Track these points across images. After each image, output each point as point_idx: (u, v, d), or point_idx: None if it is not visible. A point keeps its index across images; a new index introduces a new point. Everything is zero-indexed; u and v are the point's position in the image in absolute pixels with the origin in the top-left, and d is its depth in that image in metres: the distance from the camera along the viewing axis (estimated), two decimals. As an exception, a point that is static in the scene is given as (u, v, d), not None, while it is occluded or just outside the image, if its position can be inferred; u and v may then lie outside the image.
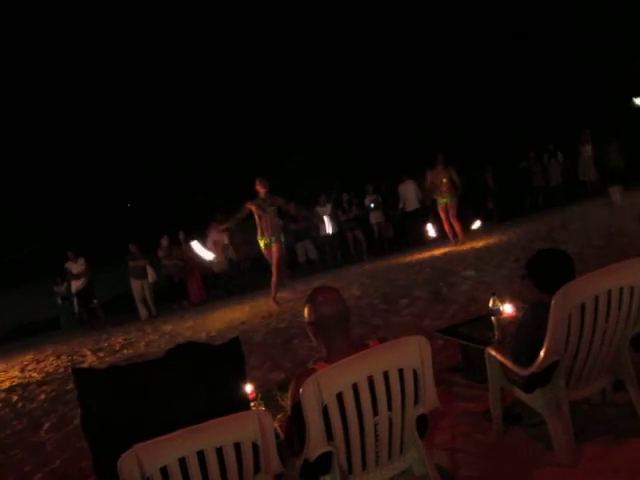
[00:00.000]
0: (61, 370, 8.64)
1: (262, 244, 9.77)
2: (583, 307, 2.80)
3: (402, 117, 27.71)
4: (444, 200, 12.05)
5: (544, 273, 3.12)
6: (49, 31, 26.04)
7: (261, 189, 9.57)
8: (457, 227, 12.34)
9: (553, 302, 2.77)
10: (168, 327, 10.83)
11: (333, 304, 2.61)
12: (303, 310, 2.72)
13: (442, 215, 12.34)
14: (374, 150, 26.55)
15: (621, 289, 2.85)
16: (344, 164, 24.85)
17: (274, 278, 9.99)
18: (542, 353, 2.87)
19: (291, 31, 28.25)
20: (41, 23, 25.74)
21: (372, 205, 15.54)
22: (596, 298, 2.81)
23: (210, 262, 14.54)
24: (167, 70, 28.25)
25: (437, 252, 12.34)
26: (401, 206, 15.65)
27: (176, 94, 27.86)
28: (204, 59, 28.21)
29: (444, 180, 11.88)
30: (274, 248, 9.71)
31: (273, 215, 9.67)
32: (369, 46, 28.48)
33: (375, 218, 15.63)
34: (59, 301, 15.45)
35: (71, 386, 6.88)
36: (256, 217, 9.68)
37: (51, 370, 9.02)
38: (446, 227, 12.48)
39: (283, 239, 10.16)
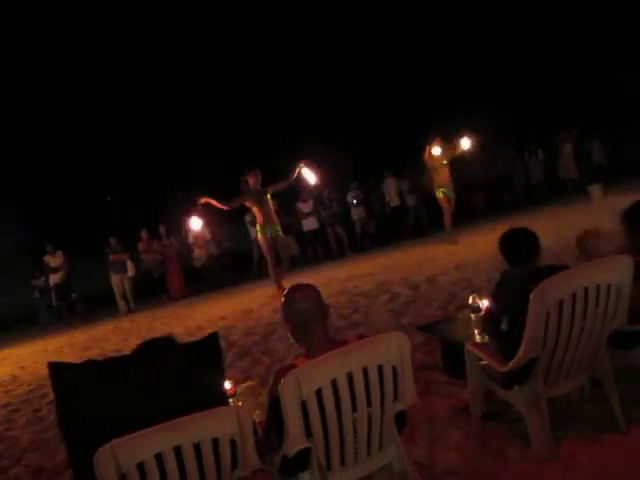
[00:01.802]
0: (37, 364, 8.57)
1: (265, 233, 9.76)
2: (561, 304, 2.82)
3: (385, 115, 27.75)
4: (445, 190, 11.49)
5: (513, 248, 3.31)
6: (35, 26, 25.71)
7: (252, 180, 9.62)
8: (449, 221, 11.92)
9: (531, 298, 2.79)
10: (147, 322, 10.77)
11: (310, 301, 2.60)
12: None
13: (446, 205, 11.67)
14: (357, 146, 26.56)
15: (598, 286, 2.87)
16: (325, 160, 24.83)
17: (283, 267, 10.12)
18: (520, 350, 2.89)
19: (274, 31, 28.22)
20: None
21: (354, 201, 15.57)
22: (573, 295, 2.83)
23: (192, 256, 14.53)
24: (152, 65, 28.05)
25: (418, 248, 12.37)
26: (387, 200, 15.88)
27: (159, 89, 27.67)
28: (182, 57, 28.05)
29: (444, 162, 11.34)
30: (280, 238, 9.90)
31: (271, 203, 9.82)
32: (352, 44, 28.47)
33: (357, 214, 15.67)
34: (37, 294, 15.28)
35: (47, 380, 6.82)
36: (254, 209, 9.75)
37: (27, 364, 8.95)
38: (447, 219, 11.90)
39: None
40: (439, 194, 11.54)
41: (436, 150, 11.10)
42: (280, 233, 9.96)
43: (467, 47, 27.43)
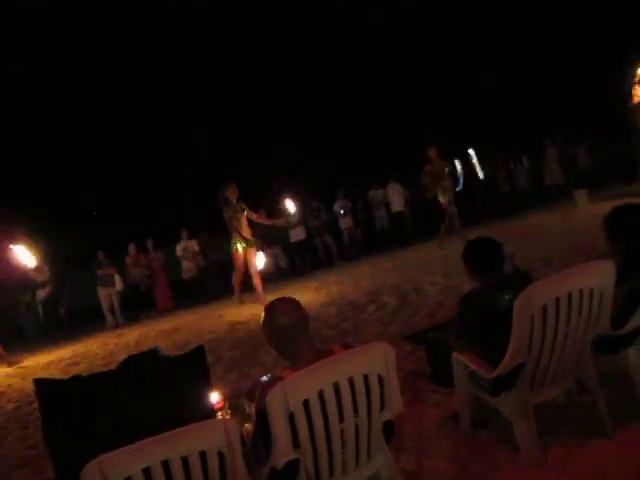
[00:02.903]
0: (24, 380, 8.49)
1: (240, 246, 9.83)
2: (545, 309, 2.84)
3: (371, 125, 27.92)
4: (446, 196, 11.65)
5: (478, 260, 3.39)
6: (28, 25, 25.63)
7: (234, 194, 9.72)
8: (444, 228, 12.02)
9: (516, 305, 2.81)
10: (134, 336, 10.71)
11: (290, 313, 2.62)
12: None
13: (450, 210, 11.78)
14: (343, 155, 26.68)
15: (581, 291, 2.90)
16: (312, 169, 24.94)
17: (257, 281, 10.03)
18: (506, 356, 2.91)
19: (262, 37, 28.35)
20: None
21: (342, 211, 15.60)
22: (557, 300, 2.86)
23: (180, 268, 14.52)
24: (141, 79, 28.10)
25: (405, 257, 12.41)
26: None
27: (146, 104, 27.69)
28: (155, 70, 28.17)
29: (446, 169, 11.54)
30: (252, 250, 9.92)
31: (246, 218, 9.88)
32: (340, 52, 28.64)
33: (345, 223, 15.69)
34: (23, 309, 15.14)
35: (34, 397, 6.77)
36: (233, 221, 9.77)
37: (14, 381, 8.86)
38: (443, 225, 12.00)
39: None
40: (441, 198, 11.71)
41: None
42: (253, 245, 10.03)
43: (450, 57, 27.67)
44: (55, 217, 25.04)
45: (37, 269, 13.44)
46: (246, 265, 9.98)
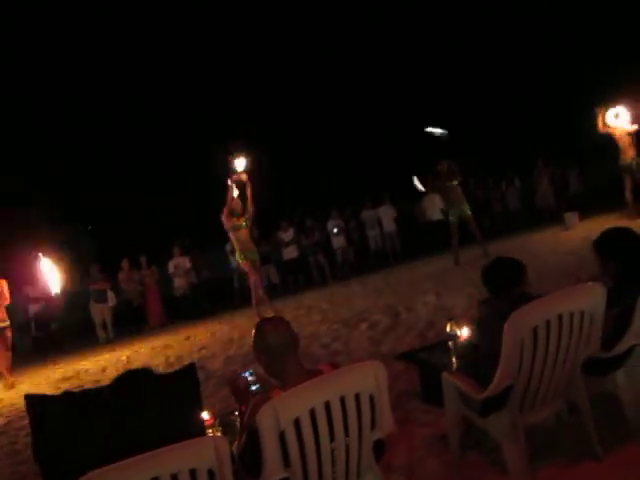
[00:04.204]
0: (15, 396, 8.44)
1: (245, 258, 10.01)
2: (535, 331, 2.86)
3: (365, 145, 28.06)
4: (464, 210, 11.72)
5: (496, 279, 3.35)
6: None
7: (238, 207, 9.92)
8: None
9: (506, 326, 2.83)
10: (126, 352, 10.66)
11: (281, 333, 2.65)
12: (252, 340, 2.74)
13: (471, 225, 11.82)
14: (337, 175, 26.77)
15: (571, 313, 2.92)
16: (308, 188, 25.04)
17: (261, 292, 10.29)
18: (496, 378, 2.92)
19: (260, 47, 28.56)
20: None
21: (335, 230, 15.62)
22: (547, 322, 2.87)
23: (172, 285, 14.49)
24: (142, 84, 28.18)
25: (398, 276, 12.43)
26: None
27: (145, 115, 27.73)
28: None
29: (455, 183, 11.59)
30: (256, 263, 10.20)
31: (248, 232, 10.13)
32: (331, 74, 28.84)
33: (338, 243, 15.71)
34: (15, 326, 15.02)
35: (24, 413, 6.73)
36: (233, 234, 9.98)
37: (4, 396, 8.81)
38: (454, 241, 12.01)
39: None
40: (451, 218, 11.80)
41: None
42: (256, 257, 10.25)
43: (444, 78, 27.86)
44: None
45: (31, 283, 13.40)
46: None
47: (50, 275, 11.02)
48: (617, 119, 11.67)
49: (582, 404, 3.20)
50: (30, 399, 2.35)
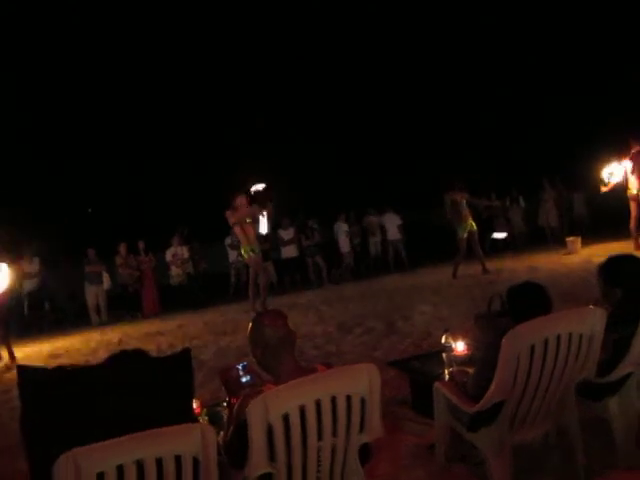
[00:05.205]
0: (1, 371, 8.44)
1: (251, 252, 10.21)
2: (532, 349, 2.85)
3: (371, 153, 28.13)
4: (472, 225, 11.85)
5: (520, 304, 3.21)
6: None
7: (244, 201, 10.13)
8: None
9: (504, 341, 2.81)
10: (118, 335, 10.66)
11: (278, 327, 2.62)
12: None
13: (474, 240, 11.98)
14: (340, 177, 26.82)
15: (570, 335, 2.91)
16: (310, 189, 25.06)
17: (263, 284, 10.50)
18: (488, 392, 2.90)
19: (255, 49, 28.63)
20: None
21: (345, 233, 15.78)
22: (545, 341, 2.86)
23: (169, 273, 14.46)
24: (149, 73, 28.15)
25: (397, 284, 12.42)
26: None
27: (150, 100, 27.70)
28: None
29: (463, 201, 11.71)
30: (258, 256, 10.39)
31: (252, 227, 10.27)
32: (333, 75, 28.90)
33: (344, 246, 15.78)
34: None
35: (9, 386, 6.72)
36: (240, 228, 10.12)
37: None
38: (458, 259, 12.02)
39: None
40: (461, 234, 11.78)
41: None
42: (258, 252, 10.43)
43: (449, 97, 27.91)
44: (49, 213, 24.94)
45: (26, 259, 13.32)
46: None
47: None
48: (612, 177, 11.69)
49: (572, 427, 3.19)
50: (22, 369, 2.34)
